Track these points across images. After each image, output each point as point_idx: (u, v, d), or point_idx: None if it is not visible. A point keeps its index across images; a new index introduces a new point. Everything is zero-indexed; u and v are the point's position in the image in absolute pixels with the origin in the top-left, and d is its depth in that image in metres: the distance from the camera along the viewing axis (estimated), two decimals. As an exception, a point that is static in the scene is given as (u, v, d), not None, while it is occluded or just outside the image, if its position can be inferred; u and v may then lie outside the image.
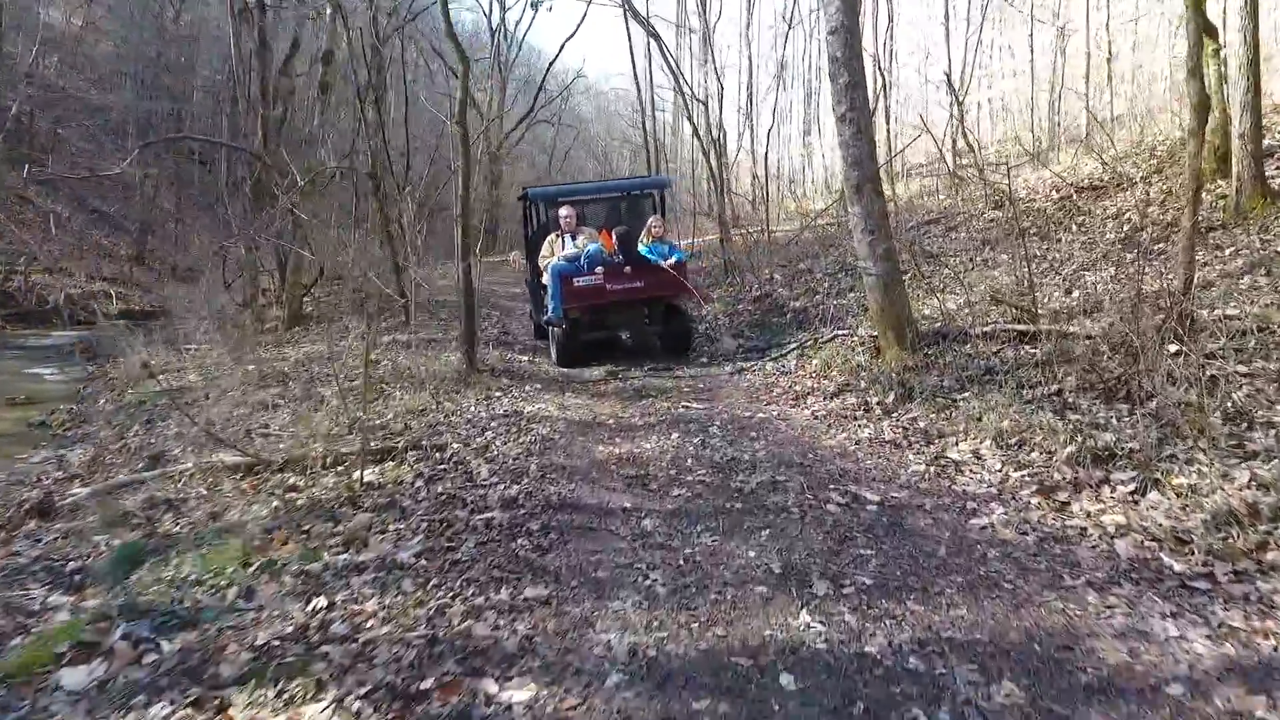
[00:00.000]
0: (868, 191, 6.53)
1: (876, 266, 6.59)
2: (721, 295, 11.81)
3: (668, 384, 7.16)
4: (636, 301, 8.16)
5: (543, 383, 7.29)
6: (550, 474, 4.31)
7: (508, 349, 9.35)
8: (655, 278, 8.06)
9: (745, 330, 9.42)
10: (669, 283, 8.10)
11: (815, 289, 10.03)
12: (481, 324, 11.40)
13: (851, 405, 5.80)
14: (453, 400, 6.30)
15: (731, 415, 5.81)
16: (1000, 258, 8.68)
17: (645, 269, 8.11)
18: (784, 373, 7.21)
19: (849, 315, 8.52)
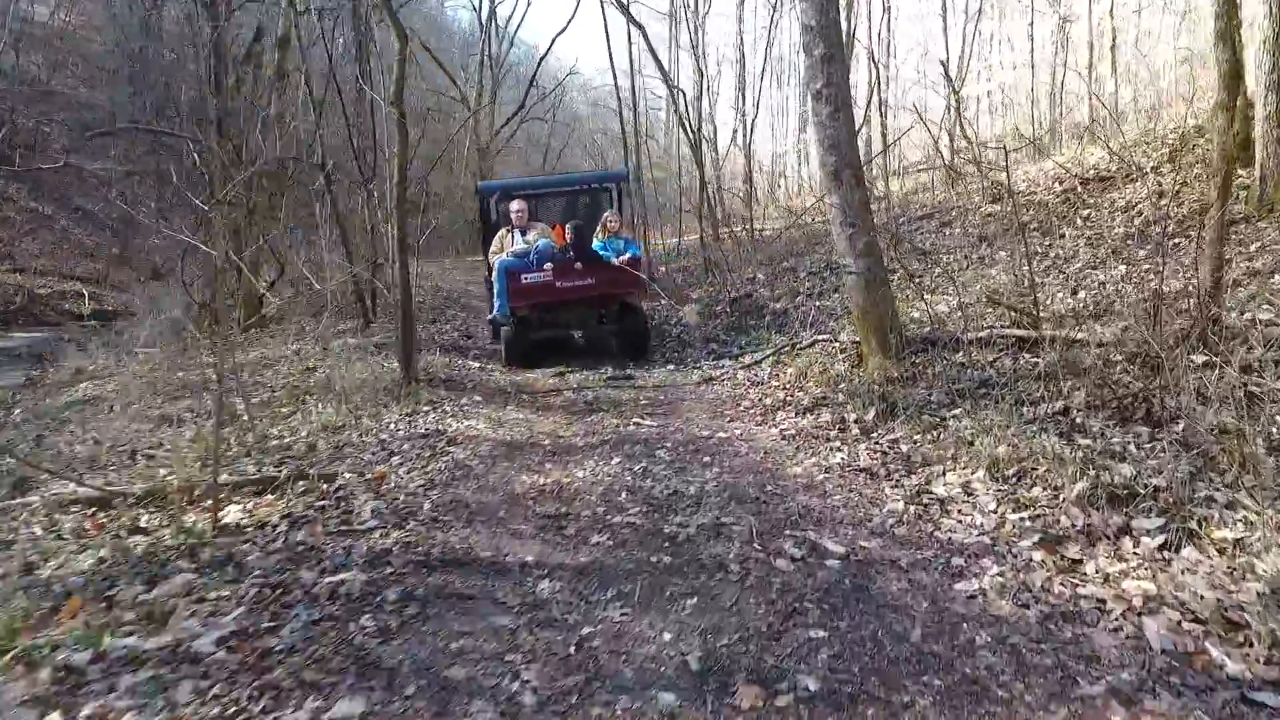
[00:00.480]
0: (846, 178, 5.77)
1: (857, 263, 5.83)
2: (701, 296, 11.05)
3: (625, 396, 6.40)
4: (588, 300, 7.79)
5: (486, 394, 6.53)
6: (447, 515, 3.55)
7: (462, 354, 8.59)
8: (608, 275, 7.69)
9: (721, 334, 8.67)
10: (623, 280, 7.72)
11: (798, 289, 9.27)
12: (444, 326, 10.66)
13: (825, 423, 5.04)
14: (375, 416, 5.54)
15: (687, 434, 5.04)
16: (998, 255, 7.92)
17: (598, 266, 7.74)
18: (756, 382, 6.45)
19: (831, 319, 7.76)
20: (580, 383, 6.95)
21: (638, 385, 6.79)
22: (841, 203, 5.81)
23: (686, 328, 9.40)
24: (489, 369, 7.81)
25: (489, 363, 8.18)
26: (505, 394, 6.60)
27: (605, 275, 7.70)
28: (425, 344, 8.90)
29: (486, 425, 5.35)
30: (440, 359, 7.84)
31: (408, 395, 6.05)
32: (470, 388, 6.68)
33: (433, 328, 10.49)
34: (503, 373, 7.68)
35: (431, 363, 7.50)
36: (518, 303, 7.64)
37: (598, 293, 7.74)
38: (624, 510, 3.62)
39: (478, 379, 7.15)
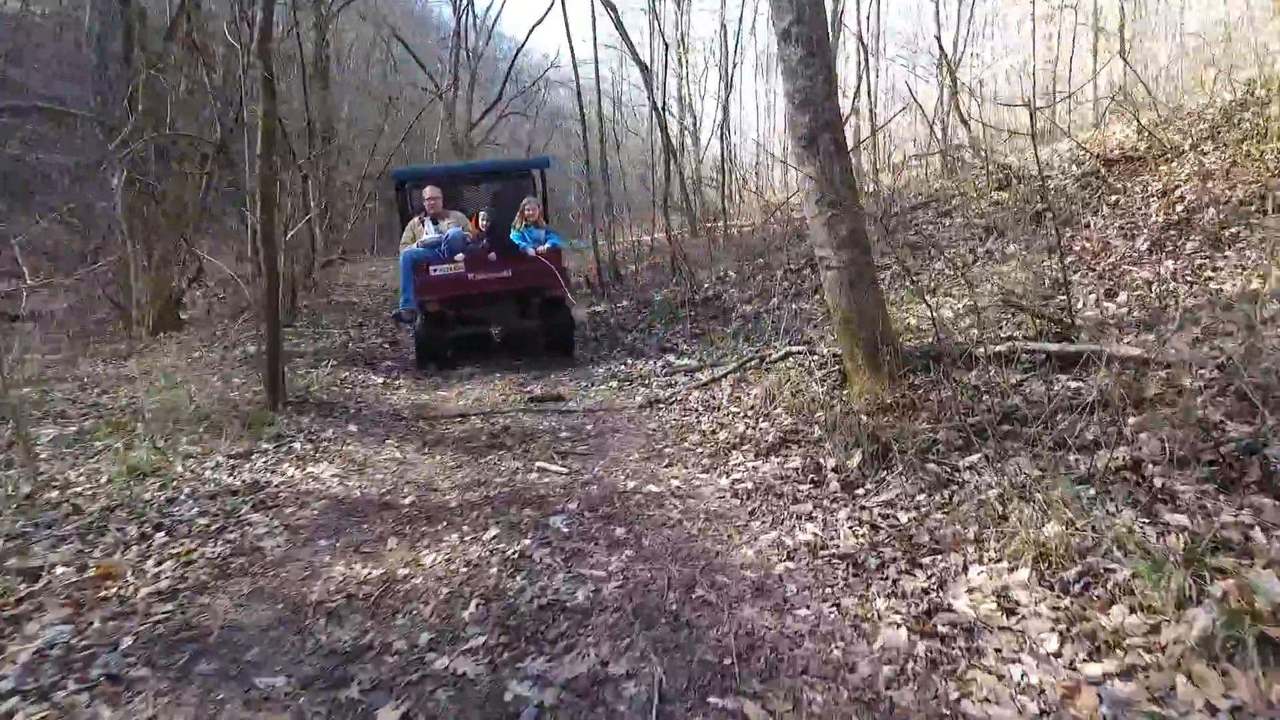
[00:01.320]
0: (825, 144, 4.43)
1: (838, 255, 4.50)
2: (665, 298, 9.69)
3: (545, 424, 5.02)
4: (506, 293, 7.15)
5: (370, 422, 5.14)
6: (143, 667, 2.16)
7: (371, 366, 7.18)
8: (526, 266, 7.02)
9: (681, 342, 7.31)
10: (542, 272, 7.00)
11: (772, 290, 7.93)
12: (369, 330, 9.27)
13: (795, 470, 3.71)
14: (204, 456, 4.15)
15: (605, 487, 3.68)
16: (1008, 249, 6.61)
17: (515, 257, 7.09)
18: (712, 406, 5.10)
19: (809, 325, 6.43)
20: (494, 406, 5.57)
21: (565, 409, 5.41)
22: (818, 175, 4.47)
23: (644, 335, 8.06)
24: (395, 385, 6.42)
25: (401, 377, 6.79)
26: (395, 421, 5.21)
27: (522, 267, 7.03)
28: (331, 354, 7.50)
29: (338, 471, 3.96)
30: (333, 373, 6.44)
31: (258, 426, 4.66)
32: (352, 413, 5.29)
33: (357, 332, 9.10)
34: (410, 390, 6.29)
35: (314, 380, 6.09)
36: (426, 297, 6.95)
37: (515, 286, 7.08)
38: (460, 640, 2.26)
39: (369, 400, 5.76)
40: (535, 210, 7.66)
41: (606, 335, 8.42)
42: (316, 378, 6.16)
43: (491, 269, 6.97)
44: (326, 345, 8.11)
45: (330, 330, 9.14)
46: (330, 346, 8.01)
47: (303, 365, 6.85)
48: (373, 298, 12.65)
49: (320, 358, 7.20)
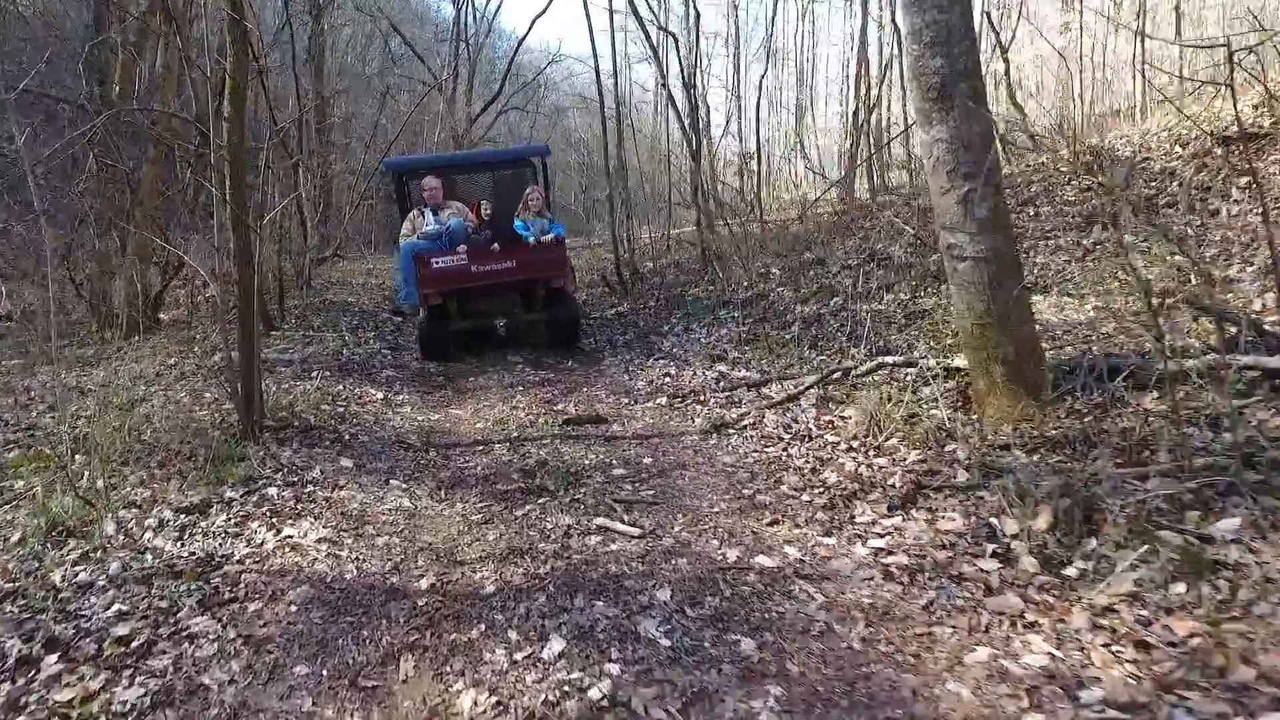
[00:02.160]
0: (961, 96, 3.41)
1: (976, 241, 3.49)
2: (698, 296, 8.66)
3: (589, 456, 3.98)
4: (509, 285, 6.97)
5: (367, 453, 4.11)
6: None
7: (368, 376, 6.13)
8: (530, 257, 6.86)
9: (730, 349, 6.27)
10: (547, 262, 6.91)
11: (833, 288, 6.90)
12: (366, 334, 8.22)
13: (956, 533, 2.69)
14: (149, 504, 3.11)
15: (699, 557, 2.65)
16: (1126, 239, 5.58)
17: (518, 248, 6.90)
18: (799, 433, 4.06)
19: (891, 328, 5.42)
20: (521, 430, 4.53)
21: (610, 435, 4.38)
22: (952, 137, 3.44)
23: (683, 339, 7.02)
24: (398, 401, 5.37)
25: (405, 390, 5.75)
26: (400, 451, 4.17)
27: (528, 258, 6.85)
28: (322, 362, 6.45)
29: (327, 533, 2.92)
30: (323, 387, 5.38)
31: (225, 463, 3.61)
32: (346, 441, 4.24)
33: (352, 336, 8.04)
34: (416, 408, 5.25)
35: (301, 396, 5.04)
36: (428, 290, 6.71)
37: (520, 277, 6.87)
38: None
39: (367, 422, 4.70)
40: (539, 199, 7.32)
41: (638, 340, 7.38)
42: (303, 393, 5.11)
43: (495, 260, 6.74)
44: (317, 352, 7.06)
45: (322, 334, 8.09)
46: (321, 353, 6.97)
47: (288, 376, 5.80)
48: (370, 297, 11.59)
49: (309, 367, 6.15)
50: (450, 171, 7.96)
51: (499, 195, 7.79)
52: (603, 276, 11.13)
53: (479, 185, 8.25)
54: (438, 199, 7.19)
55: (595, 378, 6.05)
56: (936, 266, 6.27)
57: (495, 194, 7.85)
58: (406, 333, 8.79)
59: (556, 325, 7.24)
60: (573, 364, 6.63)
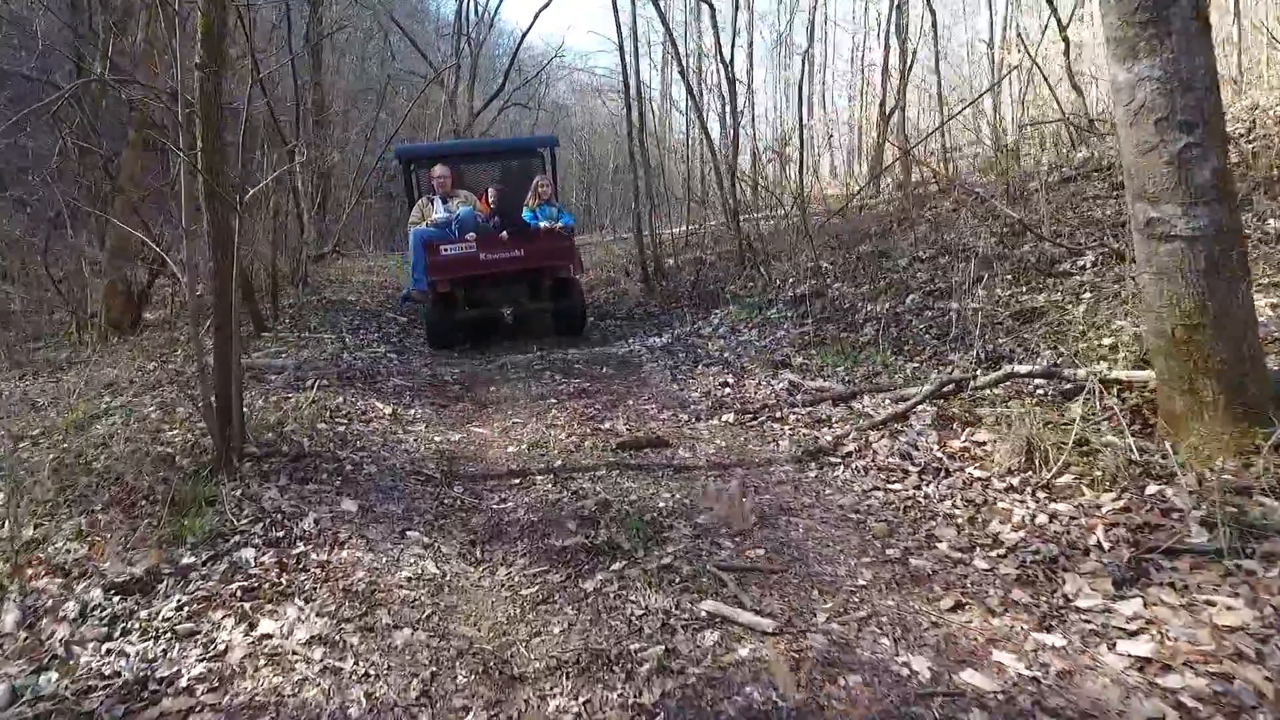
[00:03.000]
0: (1179, 18, 2.53)
1: (1191, 215, 2.61)
2: (738, 294, 7.78)
3: (660, 494, 3.09)
4: (518, 274, 7.03)
5: (376, 490, 3.21)
6: None
7: (371, 385, 5.24)
8: (539, 246, 6.96)
9: (792, 354, 5.39)
10: (556, 251, 7.04)
11: (905, 283, 6.03)
12: (369, 335, 7.35)
13: (1244, 633, 1.80)
14: (73, 573, 2.23)
15: (879, 677, 1.77)
16: None
17: (527, 237, 7.01)
18: (930, 466, 3.18)
19: (992, 329, 4.54)
20: (567, 458, 3.64)
21: (679, 463, 3.49)
22: (1166, 75, 2.56)
23: (732, 342, 6.14)
24: (410, 417, 4.48)
25: (416, 402, 4.86)
26: (418, 486, 3.28)
27: (535, 247, 6.95)
28: (319, 368, 5.57)
29: (321, 628, 2.02)
30: (321, 400, 4.48)
31: (191, 509, 2.72)
32: (348, 473, 3.34)
33: (353, 338, 7.16)
34: (432, 426, 4.36)
35: (293, 411, 4.15)
36: (437, 277, 6.76)
37: (527, 266, 6.94)
38: None
39: (373, 446, 3.80)
40: (548, 188, 7.40)
41: (678, 343, 6.50)
42: (296, 408, 4.21)
43: (503, 249, 6.80)
44: (314, 356, 6.18)
45: (320, 335, 7.21)
46: (319, 358, 6.09)
47: (278, 386, 4.92)
48: (372, 296, 10.71)
49: (304, 375, 5.26)
50: (459, 161, 7.99)
51: (507, 185, 7.79)
52: (625, 273, 10.25)
53: (487, 175, 8.25)
54: (446, 187, 7.22)
55: (639, 387, 5.17)
56: (1036, 257, 5.40)
57: (503, 183, 7.86)
58: (414, 334, 7.92)
59: (563, 315, 7.32)
60: (609, 370, 5.74)
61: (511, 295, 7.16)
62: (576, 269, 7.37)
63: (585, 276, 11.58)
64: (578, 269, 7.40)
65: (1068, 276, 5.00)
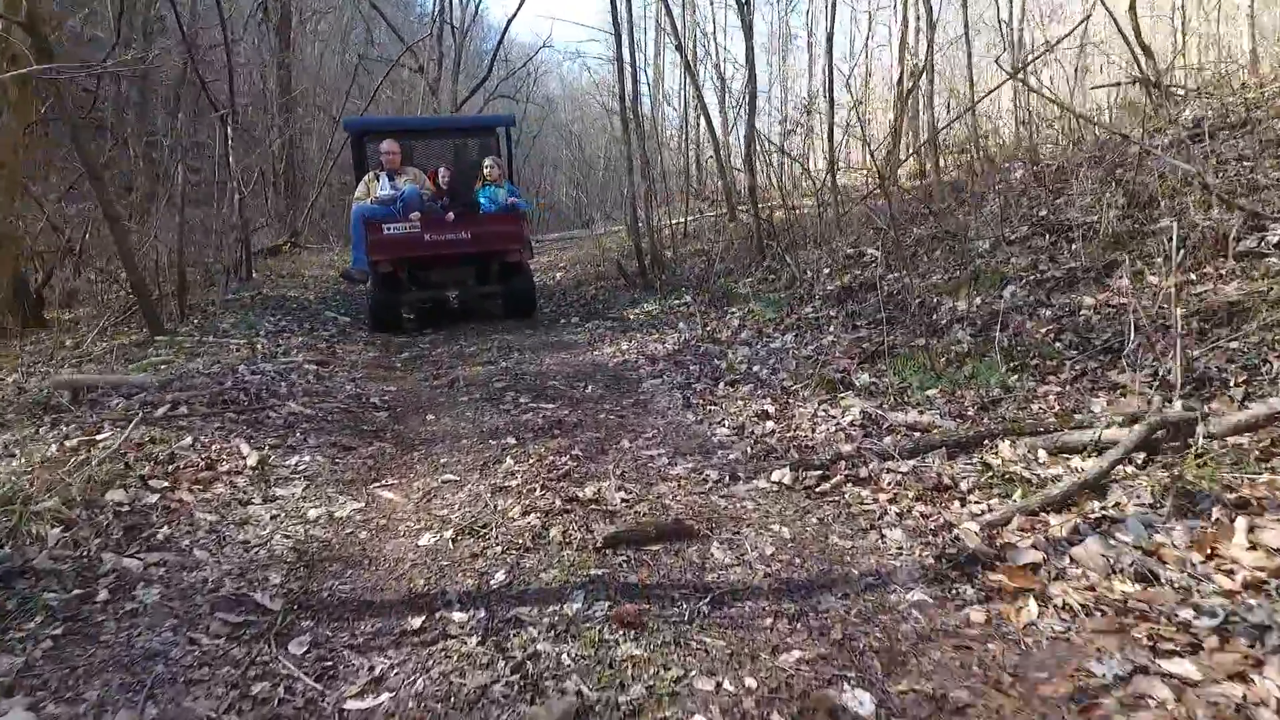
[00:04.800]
0: None
1: None
2: (759, 291, 6.23)
3: (675, 671, 1.52)
4: (464, 257, 6.68)
5: (123, 667, 1.61)
6: None
7: (250, 413, 3.62)
8: (486, 229, 6.60)
9: (853, 372, 3.81)
10: (503, 235, 6.64)
11: (997, 271, 4.48)
12: (291, 339, 5.79)
13: None
14: None
15: None
16: None
17: (473, 218, 6.65)
18: (1218, 614, 1.61)
19: (1162, 334, 2.98)
20: (513, 567, 2.05)
21: (724, 588, 1.91)
22: None
23: (759, 350, 4.57)
24: (285, 469, 2.88)
25: (308, 439, 3.26)
26: (225, 634, 1.70)
27: (482, 229, 6.62)
28: (191, 388, 3.96)
29: None
30: (151, 443, 2.88)
31: None
32: (88, 617, 1.74)
33: (267, 343, 5.55)
34: (312, 486, 2.76)
35: (74, 471, 2.53)
36: (378, 257, 6.39)
37: (475, 250, 6.65)
38: None
39: (190, 535, 2.20)
40: (497, 169, 7.06)
41: (687, 350, 4.92)
42: (86, 462, 2.62)
43: (449, 230, 6.46)
44: (201, 368, 4.58)
45: (227, 340, 5.61)
46: (205, 370, 4.48)
47: (115, 413, 3.33)
48: (319, 291, 9.12)
49: (168, 396, 3.67)
50: (410, 136, 7.57)
51: (460, 164, 7.45)
52: (618, 265, 8.69)
53: (439, 152, 7.83)
54: (395, 164, 6.76)
55: (638, 416, 3.59)
56: (1204, 233, 3.84)
57: (457, 163, 7.49)
58: (354, 336, 6.33)
59: (512, 297, 7.05)
60: (596, 389, 4.17)
61: (458, 278, 6.90)
62: (526, 253, 7.03)
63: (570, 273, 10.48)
64: (527, 253, 7.11)
65: (1260, 257, 3.46)
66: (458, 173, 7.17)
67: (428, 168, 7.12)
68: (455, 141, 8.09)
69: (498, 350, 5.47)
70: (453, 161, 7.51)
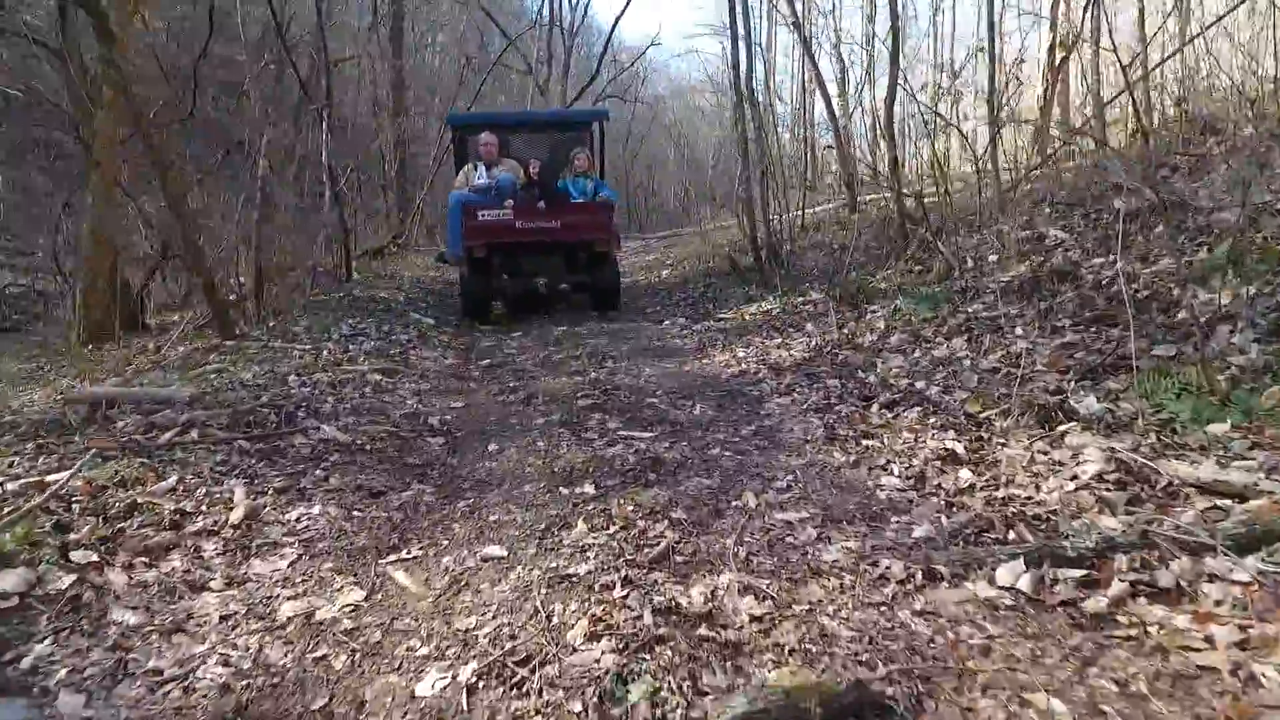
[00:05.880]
0: None
1: None
2: (905, 285, 5.09)
3: None
4: (553, 245, 6.72)
5: None
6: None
7: (270, 445, 2.88)
8: (575, 218, 6.72)
9: (1073, 394, 2.68)
10: (592, 225, 6.72)
11: (1271, 250, 3.20)
12: (353, 346, 5.17)
13: None
14: None
15: None
16: None
17: (564, 208, 6.80)
18: None
19: None
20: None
21: None
22: None
23: (919, 360, 3.48)
24: (270, 534, 2.10)
25: (326, 481, 2.49)
26: None
27: (572, 219, 6.68)
28: (218, 404, 3.31)
29: None
30: (114, 483, 2.16)
31: None
32: None
33: (335, 350, 4.94)
34: (303, 559, 1.96)
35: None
36: (473, 241, 6.48)
37: (564, 238, 6.66)
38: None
39: (76, 670, 1.42)
40: (585, 161, 7.31)
41: (823, 357, 3.89)
42: (19, 519, 1.92)
43: (540, 218, 6.62)
44: (251, 378, 3.97)
45: (295, 346, 5.03)
46: (252, 381, 3.86)
47: (128, 431, 2.68)
48: (411, 292, 8.62)
49: (165, 428, 3.02)
50: (507, 130, 7.86)
51: (554, 157, 7.66)
52: (730, 259, 7.68)
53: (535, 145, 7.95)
54: (492, 155, 7.08)
55: (763, 451, 2.61)
56: None
57: (551, 155, 7.66)
58: (430, 340, 5.67)
59: (598, 289, 7.09)
60: (706, 409, 3.23)
61: (547, 266, 6.93)
62: (614, 244, 7.04)
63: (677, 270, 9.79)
64: (615, 244, 7.13)
65: None
66: (551, 165, 7.34)
67: (524, 159, 7.29)
68: (550, 135, 8.26)
69: (589, 358, 4.61)
70: (547, 154, 7.67)
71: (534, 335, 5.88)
